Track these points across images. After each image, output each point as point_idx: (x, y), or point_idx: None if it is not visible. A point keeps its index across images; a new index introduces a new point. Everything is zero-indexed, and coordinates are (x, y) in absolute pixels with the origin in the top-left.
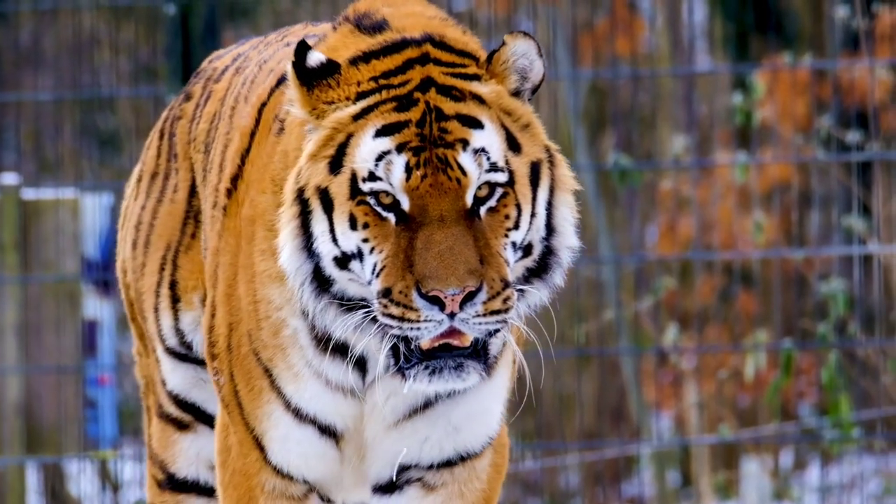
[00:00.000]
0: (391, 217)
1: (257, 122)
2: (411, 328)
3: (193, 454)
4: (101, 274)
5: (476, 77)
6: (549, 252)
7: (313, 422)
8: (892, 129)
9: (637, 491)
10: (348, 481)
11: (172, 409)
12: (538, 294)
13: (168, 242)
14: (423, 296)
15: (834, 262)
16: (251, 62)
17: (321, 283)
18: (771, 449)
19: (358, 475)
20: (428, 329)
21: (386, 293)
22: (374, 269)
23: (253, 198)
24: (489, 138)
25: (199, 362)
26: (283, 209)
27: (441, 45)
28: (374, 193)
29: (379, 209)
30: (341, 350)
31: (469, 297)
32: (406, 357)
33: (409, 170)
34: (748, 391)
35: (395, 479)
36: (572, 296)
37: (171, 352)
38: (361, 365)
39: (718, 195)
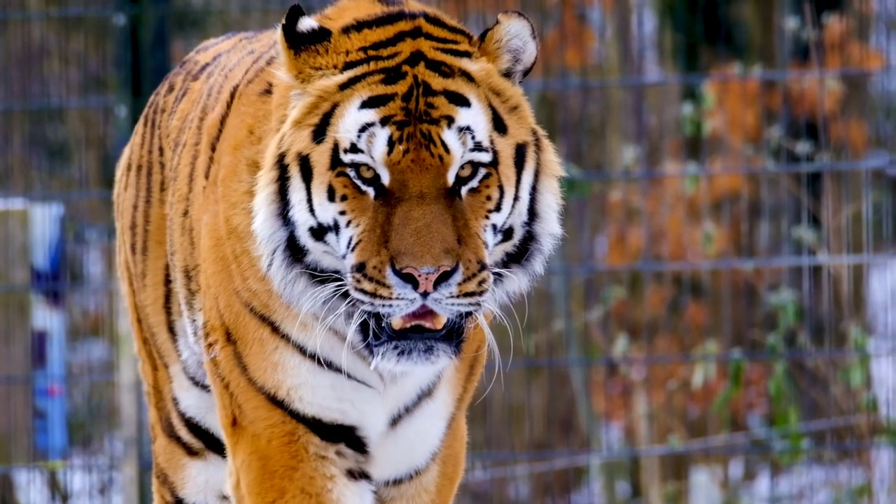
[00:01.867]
0: (370, 191)
1: (229, 104)
2: (383, 305)
3: (202, 482)
4: (51, 284)
5: (467, 54)
6: (530, 237)
7: (339, 370)
8: (841, 139)
9: (587, 502)
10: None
11: (183, 433)
12: (517, 280)
13: (165, 250)
14: (397, 273)
15: (783, 272)
16: (218, 69)
17: (294, 252)
18: (720, 460)
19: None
20: (399, 307)
21: (360, 268)
22: (349, 243)
23: (224, 160)
24: (475, 117)
25: None
26: (262, 173)
27: (435, 20)
28: (355, 165)
29: (358, 182)
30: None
31: (444, 278)
32: (376, 334)
33: (391, 143)
34: (698, 402)
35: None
36: (521, 306)
37: (187, 373)
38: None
39: (668, 206)
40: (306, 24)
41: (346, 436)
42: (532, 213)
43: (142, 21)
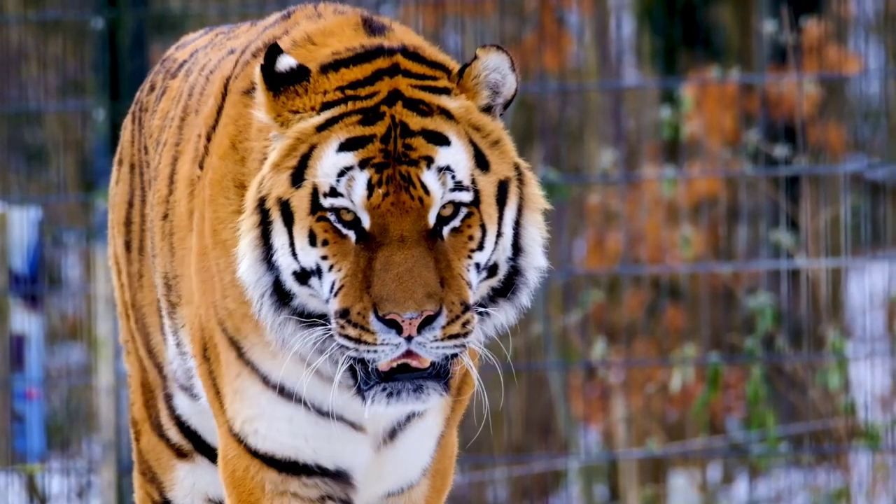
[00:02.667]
0: (351, 235)
1: (223, 95)
2: (368, 350)
3: (189, 485)
4: (29, 288)
5: (445, 90)
6: (515, 272)
7: (298, 399)
8: (819, 143)
9: None
10: (374, 474)
11: (173, 433)
12: (504, 315)
13: None
14: (380, 318)
15: (761, 276)
16: (197, 68)
17: (281, 296)
18: (698, 463)
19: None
20: (385, 352)
21: (343, 314)
22: (331, 288)
23: (213, 162)
24: (455, 156)
25: None
26: (244, 217)
27: (413, 55)
28: (335, 210)
29: (339, 226)
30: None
31: (427, 322)
32: (364, 378)
33: (370, 187)
34: (676, 405)
35: None
36: None
37: (176, 377)
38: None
39: (646, 209)
40: (285, 63)
41: (325, 472)
42: (516, 248)
43: (120, 25)
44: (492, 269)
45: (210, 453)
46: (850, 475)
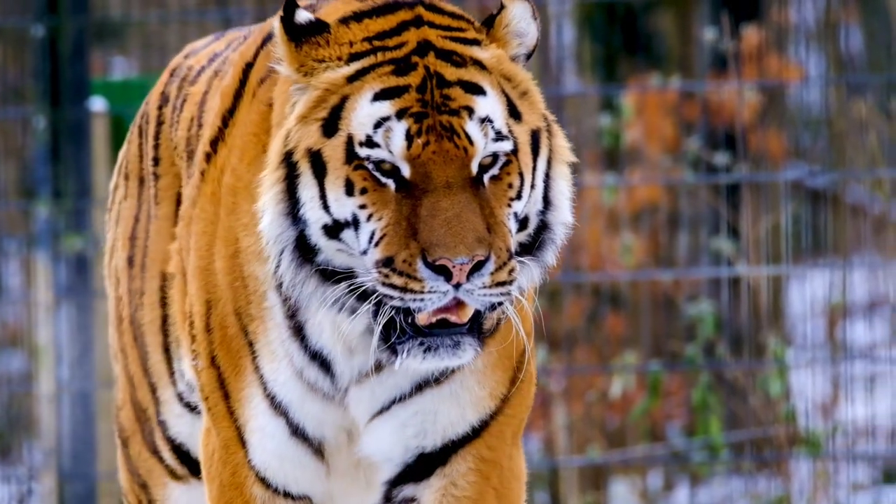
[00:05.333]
0: (391, 183)
1: (242, 83)
2: (414, 299)
3: None
4: None
5: (476, 42)
6: (543, 226)
7: (285, 414)
8: (759, 150)
9: None
10: (344, 497)
11: (167, 456)
12: (530, 272)
13: (162, 270)
14: (429, 265)
15: (702, 283)
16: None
17: (304, 252)
18: (639, 470)
19: (351, 498)
20: (431, 300)
21: (387, 262)
22: (371, 238)
23: (235, 167)
24: (492, 106)
25: None
26: (266, 173)
27: (432, 7)
28: (372, 160)
29: (378, 174)
30: (304, 339)
31: (476, 268)
32: (399, 332)
33: (409, 137)
34: (617, 413)
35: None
36: None
37: (181, 399)
38: (326, 365)
39: (587, 217)
40: (304, 15)
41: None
42: (546, 202)
43: (60, 32)
44: (523, 222)
45: None
46: (790, 482)
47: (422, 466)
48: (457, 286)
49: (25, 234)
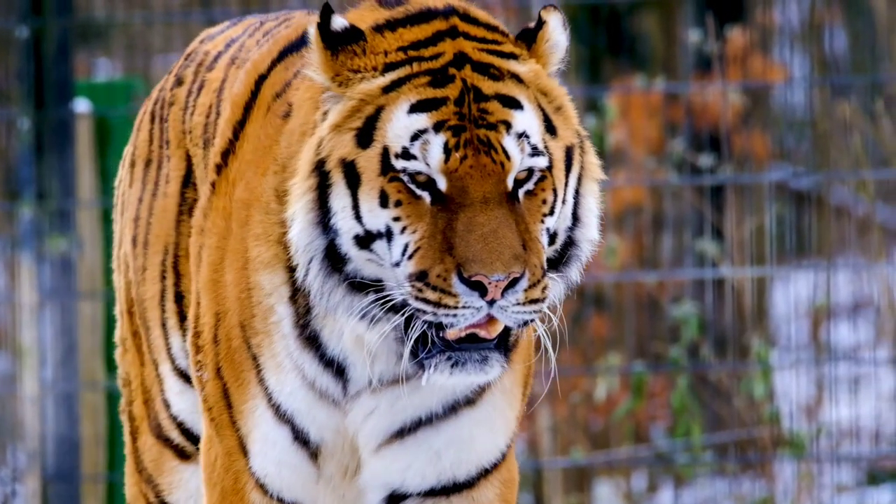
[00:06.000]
0: (426, 196)
1: (253, 94)
2: (447, 314)
3: (194, 488)
4: None
5: (513, 55)
6: (570, 243)
7: (290, 422)
8: (744, 152)
9: None
10: None
11: (174, 435)
12: (557, 288)
13: (165, 245)
14: (465, 280)
15: (686, 285)
16: (251, 55)
17: (334, 261)
18: (623, 472)
19: (347, 499)
20: (465, 316)
21: (421, 276)
22: (404, 250)
23: (249, 180)
24: (529, 121)
25: None
26: (297, 181)
27: (467, 17)
28: (409, 172)
29: (413, 186)
30: (316, 347)
31: (511, 284)
32: (428, 347)
33: (447, 150)
34: (601, 414)
35: None
36: None
37: (180, 373)
38: (340, 371)
39: None
40: (339, 22)
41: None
42: (574, 218)
43: (44, 33)
44: (551, 238)
45: None
46: (774, 484)
47: (441, 490)
48: (491, 302)
49: (9, 236)
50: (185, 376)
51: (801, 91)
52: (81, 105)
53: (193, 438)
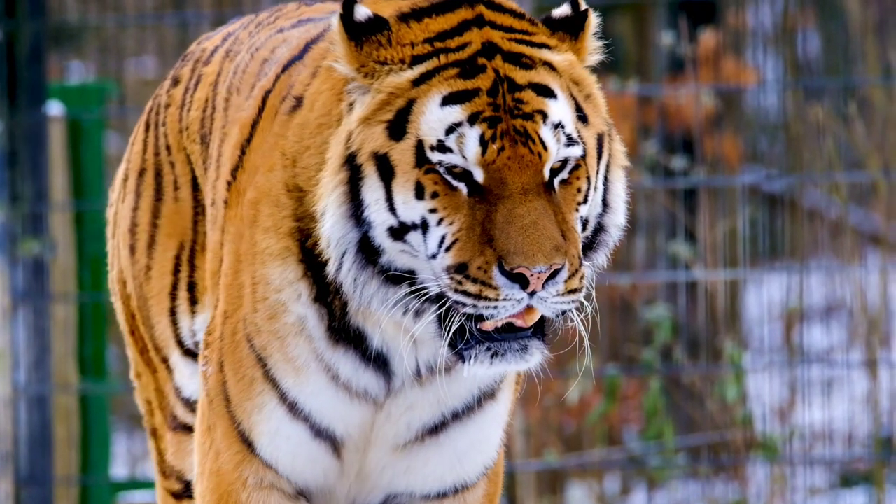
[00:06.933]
0: (462, 187)
1: (260, 110)
2: (487, 307)
3: None
4: None
5: (545, 45)
6: (599, 229)
7: (306, 419)
8: (716, 154)
9: None
10: (341, 498)
11: (189, 418)
12: (587, 273)
13: (181, 242)
14: (506, 273)
15: (659, 287)
16: (243, 47)
17: (367, 253)
18: (596, 475)
19: (353, 494)
20: (506, 308)
21: (460, 269)
22: (441, 242)
23: (257, 180)
24: (563, 110)
25: None
26: (327, 175)
27: (492, 5)
28: (444, 165)
29: (449, 178)
30: (358, 343)
31: (552, 276)
32: (466, 338)
33: (483, 143)
34: (574, 417)
35: None
36: None
37: (189, 354)
38: (384, 364)
39: None
40: (363, 12)
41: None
42: (605, 204)
43: (17, 36)
44: (584, 225)
45: None
46: (747, 487)
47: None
48: (531, 294)
49: None
50: (194, 355)
51: (774, 94)
52: (54, 108)
53: None
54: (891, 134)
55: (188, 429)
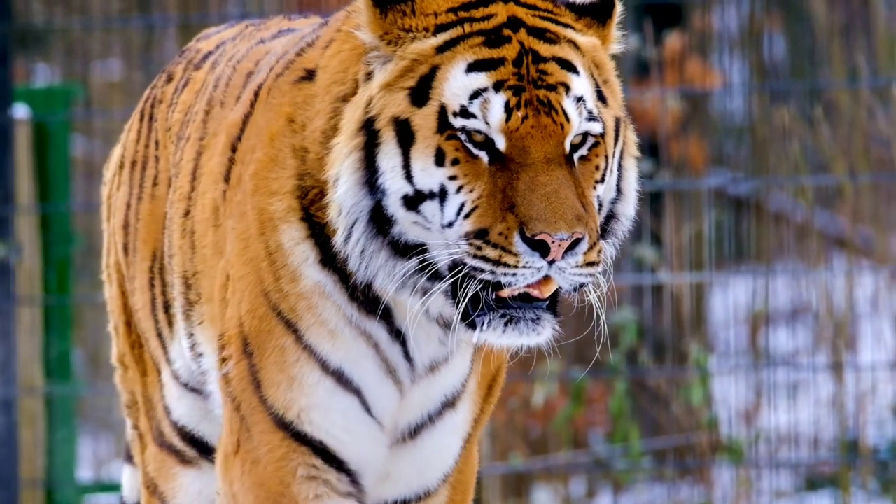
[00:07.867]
0: (483, 155)
1: (252, 104)
2: (505, 273)
3: (195, 492)
4: None
5: (570, 26)
6: (611, 216)
7: (357, 392)
8: (682, 158)
9: None
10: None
11: (176, 441)
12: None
13: (153, 251)
14: (527, 240)
15: (625, 291)
16: (224, 59)
17: (379, 223)
18: (562, 478)
19: None
20: (524, 275)
21: (480, 234)
22: (460, 209)
23: (256, 156)
24: (585, 86)
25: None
26: (342, 140)
27: None
28: (467, 131)
29: (470, 145)
30: (385, 317)
31: (572, 246)
32: (481, 306)
33: (508, 110)
34: (539, 420)
35: None
36: None
37: (179, 379)
38: (405, 346)
39: None
40: None
41: (340, 465)
42: (618, 191)
43: None
44: (598, 207)
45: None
46: (712, 490)
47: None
48: (551, 263)
49: None
50: (184, 383)
51: (740, 97)
52: (20, 111)
53: (194, 443)
54: (856, 137)
55: (174, 451)
